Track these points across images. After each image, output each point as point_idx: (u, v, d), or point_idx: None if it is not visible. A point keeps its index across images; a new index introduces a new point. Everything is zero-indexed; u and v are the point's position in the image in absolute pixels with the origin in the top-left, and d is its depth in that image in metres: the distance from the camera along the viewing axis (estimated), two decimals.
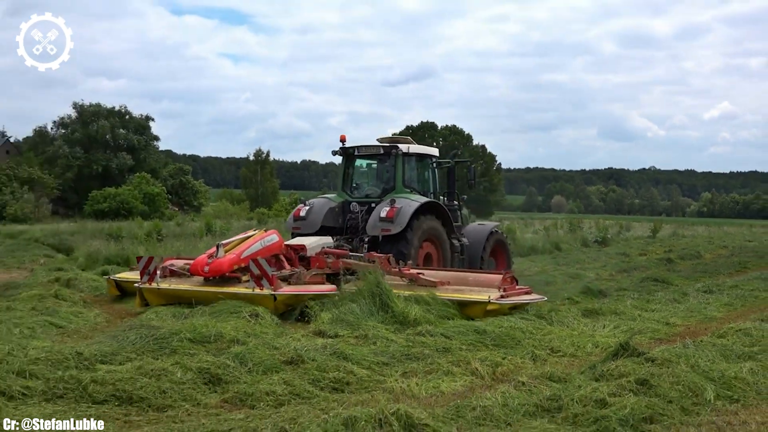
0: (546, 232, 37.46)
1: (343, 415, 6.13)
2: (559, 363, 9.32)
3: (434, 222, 15.29)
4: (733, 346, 9.57)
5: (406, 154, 15.91)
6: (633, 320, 12.32)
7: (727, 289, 16.23)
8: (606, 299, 14.67)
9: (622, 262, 23.56)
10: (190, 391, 7.50)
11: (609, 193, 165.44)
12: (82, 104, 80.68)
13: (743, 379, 8.07)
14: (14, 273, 18.96)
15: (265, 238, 13.76)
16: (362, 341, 9.69)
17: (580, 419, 6.73)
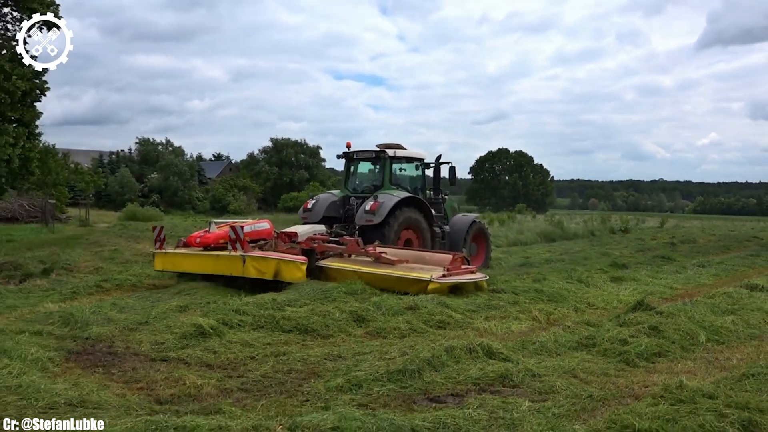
0: (585, 223, 36.23)
1: (444, 345, 6.12)
2: (593, 313, 9.05)
3: (414, 213, 13.12)
4: (720, 305, 9.09)
5: (392, 157, 13.76)
6: (646, 285, 11.85)
7: (715, 264, 15.43)
8: (627, 270, 14.09)
9: (639, 245, 22.56)
10: (344, 325, 7.64)
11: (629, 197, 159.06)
12: (276, 138, 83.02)
13: (727, 328, 7.69)
14: None
15: (256, 224, 11.75)
16: (457, 295, 9.62)
17: (608, 352, 6.55)
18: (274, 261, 10.00)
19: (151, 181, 63.25)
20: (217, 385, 5.37)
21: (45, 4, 18.00)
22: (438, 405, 4.93)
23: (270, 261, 10.00)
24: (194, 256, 10.92)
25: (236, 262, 10.04)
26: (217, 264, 10.42)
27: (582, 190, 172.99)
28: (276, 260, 10.02)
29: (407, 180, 14.66)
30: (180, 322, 7.26)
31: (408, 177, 14.76)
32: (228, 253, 10.24)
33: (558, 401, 4.94)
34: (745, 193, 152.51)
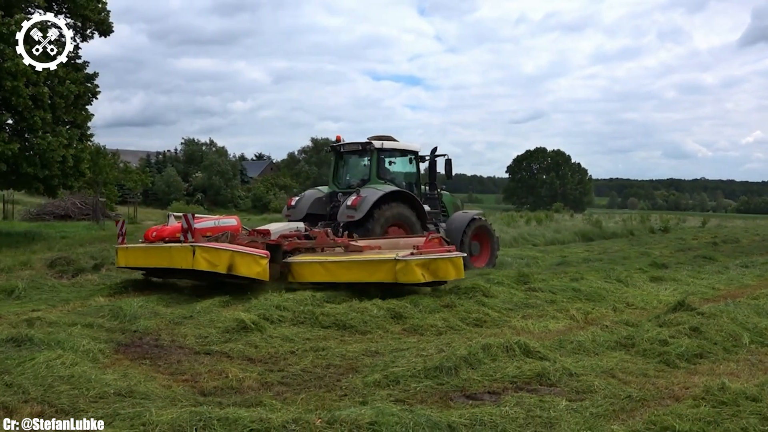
0: (623, 223, 35.53)
1: (481, 342, 6.07)
2: (632, 313, 8.86)
3: (402, 209, 12.04)
4: (764, 306, 8.79)
5: (380, 149, 12.77)
6: (687, 285, 11.54)
7: (759, 265, 14.93)
8: (667, 270, 13.76)
9: (680, 244, 22.03)
10: (382, 322, 7.66)
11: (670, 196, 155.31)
12: (316, 138, 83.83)
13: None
14: None
15: (221, 220, 10.89)
16: (495, 293, 9.54)
17: (648, 353, 6.40)
18: (228, 253, 8.97)
19: (195, 180, 64.48)
20: (258, 379, 5.45)
21: (97, 11, 18.54)
22: (474, 402, 4.89)
23: (223, 252, 8.94)
24: (150, 250, 9.98)
25: (186, 253, 8.89)
26: (170, 256, 9.37)
27: (621, 189, 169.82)
28: (230, 252, 9.00)
29: (401, 174, 13.69)
30: (223, 317, 7.39)
31: (401, 171, 13.80)
32: (181, 244, 9.16)
33: (596, 401, 4.86)
34: None
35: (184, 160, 70.36)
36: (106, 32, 19.33)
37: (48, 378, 4.98)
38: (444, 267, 9.15)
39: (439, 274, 9.11)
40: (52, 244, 16.11)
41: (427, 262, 8.91)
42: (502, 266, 14.34)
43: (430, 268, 8.95)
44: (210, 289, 9.82)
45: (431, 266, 8.97)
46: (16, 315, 7.91)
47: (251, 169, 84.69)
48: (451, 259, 9.28)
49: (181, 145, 73.90)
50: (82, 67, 18.91)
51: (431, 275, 8.96)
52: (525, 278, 11.02)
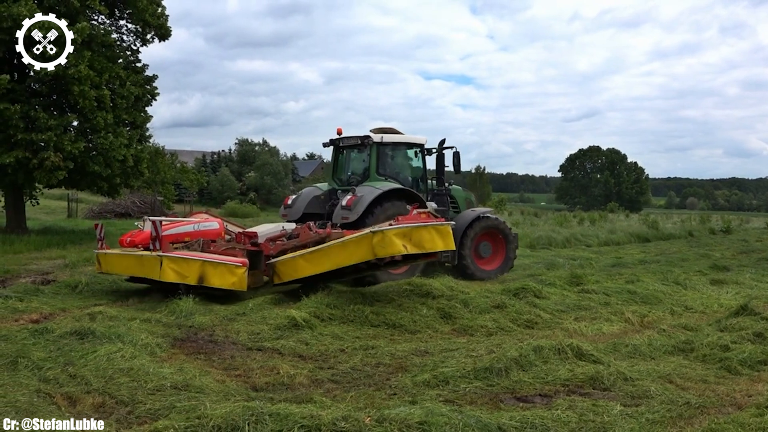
0: (682, 223, 34.41)
1: (533, 344, 5.98)
2: (691, 317, 8.56)
3: (402, 207, 10.71)
4: None
5: (380, 143, 11.73)
6: (751, 289, 11.07)
7: None
8: (729, 272, 13.26)
9: (743, 246, 21.18)
10: (432, 322, 7.65)
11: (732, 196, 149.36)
12: None
13: None
14: None
15: (201, 223, 10.37)
16: (546, 294, 9.38)
17: (708, 358, 6.19)
18: (198, 262, 8.46)
19: (248, 179, 65.67)
20: (309, 376, 5.51)
21: (156, 15, 19.12)
22: (525, 405, 4.82)
23: (192, 262, 8.47)
24: (121, 257, 9.55)
25: (155, 263, 8.54)
26: (141, 265, 9.02)
27: (679, 188, 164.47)
28: (200, 261, 8.49)
29: (405, 169, 12.61)
30: (275, 314, 7.51)
31: (405, 165, 12.70)
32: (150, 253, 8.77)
33: (652, 406, 4.72)
34: None
35: (238, 160, 71.69)
36: (165, 36, 19.91)
37: (109, 370, 5.16)
38: (428, 236, 8.18)
39: (424, 245, 8.15)
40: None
41: (407, 232, 8.01)
42: (554, 267, 14.02)
43: (413, 239, 8.04)
44: (264, 287, 9.97)
45: (413, 236, 8.05)
46: (79, 309, 8.23)
47: (302, 168, 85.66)
48: (436, 228, 8.29)
49: (235, 145, 75.41)
50: (142, 70, 19.56)
51: (415, 246, 8.07)
52: (578, 279, 10.81)
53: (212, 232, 10.08)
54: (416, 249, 8.09)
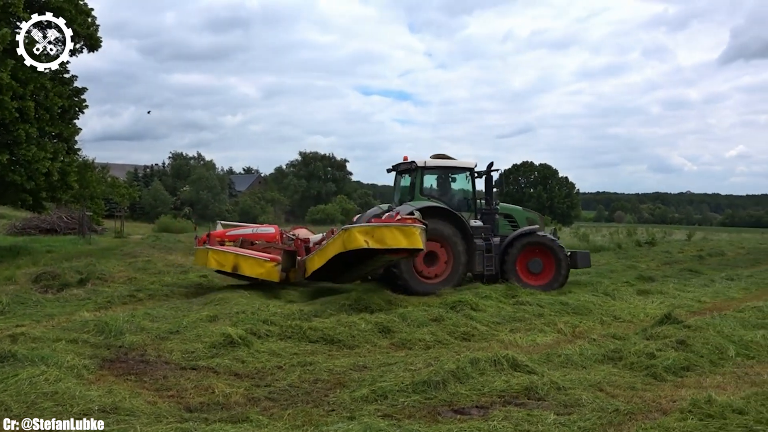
0: (610, 236, 35.70)
1: (469, 356, 6.07)
2: (620, 326, 8.89)
3: (438, 224, 11.96)
4: (750, 319, 8.87)
5: (423, 168, 12.95)
6: (674, 298, 11.62)
7: (745, 278, 15.08)
8: (654, 283, 13.84)
9: (666, 258, 22.15)
10: (370, 336, 7.64)
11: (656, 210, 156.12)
12: (305, 152, 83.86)
13: (757, 342, 7.48)
14: None
15: (259, 228, 12.48)
16: (483, 306, 9.54)
17: (635, 366, 6.43)
18: (232, 255, 10.85)
19: (183, 194, 64.18)
20: (245, 394, 5.40)
21: (86, 25, 18.46)
22: (462, 417, 4.87)
23: (229, 255, 10.88)
24: (196, 251, 11.85)
25: (205, 254, 11.03)
26: (198, 258, 11.50)
27: (608, 202, 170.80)
28: (234, 255, 10.86)
29: (453, 190, 13.65)
30: (210, 332, 7.32)
31: (451, 187, 13.73)
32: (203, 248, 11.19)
33: (584, 414, 4.85)
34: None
35: (172, 174, 70.02)
36: (95, 47, 19.22)
37: (31, 395, 4.89)
38: (390, 235, 9.53)
39: (386, 242, 9.52)
40: (37, 259, 15.94)
41: (369, 230, 9.65)
42: None
43: (375, 236, 9.53)
44: (193, 303, 9.76)
45: (375, 234, 9.56)
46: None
47: (239, 182, 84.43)
48: (399, 228, 9.60)
49: (169, 159, 73.65)
50: (70, 81, 18.80)
51: (377, 242, 9.50)
52: (513, 292, 11.05)
53: (268, 235, 11.91)
54: (378, 244, 9.50)
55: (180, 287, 11.74)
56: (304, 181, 79.88)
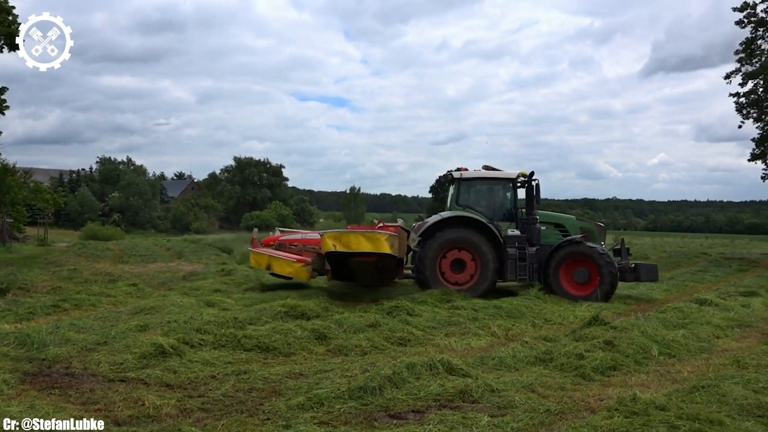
0: None
1: (405, 361, 6.10)
2: (550, 329, 9.14)
3: (465, 233, 12.48)
4: (671, 319, 9.30)
5: (460, 179, 13.28)
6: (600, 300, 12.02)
7: (666, 280, 15.80)
8: None
9: None
10: (306, 343, 7.57)
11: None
12: (240, 158, 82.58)
13: (678, 341, 7.86)
14: (195, 265, 19.43)
15: (307, 234, 13.85)
16: (419, 312, 9.62)
17: (565, 367, 6.63)
18: (266, 256, 12.54)
19: (111, 200, 61.99)
20: (177, 406, 5.25)
21: (7, 23, 17.65)
22: (399, 421, 4.90)
23: (263, 256, 12.64)
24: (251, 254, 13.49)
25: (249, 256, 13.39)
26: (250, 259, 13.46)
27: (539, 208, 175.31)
28: (267, 256, 12.55)
29: (491, 200, 13.55)
30: (140, 342, 7.07)
31: (490, 197, 13.62)
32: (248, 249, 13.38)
33: (516, 415, 4.96)
34: (693, 210, 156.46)
35: (100, 180, 67.57)
36: (16, 46, 18.39)
37: None
38: (355, 240, 10.84)
39: (351, 246, 10.86)
40: None
41: (337, 236, 11.09)
42: None
43: (342, 241, 10.92)
44: (122, 312, 9.43)
45: (342, 239, 10.95)
46: None
47: (171, 188, 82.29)
48: (365, 234, 10.97)
49: (97, 163, 71.06)
50: None
51: (343, 246, 10.89)
52: (448, 296, 11.19)
53: (314, 240, 12.97)
54: (344, 248, 10.87)
55: (108, 296, 11.32)
56: (239, 187, 78.63)
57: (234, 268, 16.88)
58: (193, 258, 22.36)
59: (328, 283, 13.49)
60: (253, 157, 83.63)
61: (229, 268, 16.83)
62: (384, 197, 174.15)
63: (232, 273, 15.76)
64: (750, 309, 10.97)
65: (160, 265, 19.12)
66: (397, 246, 10.92)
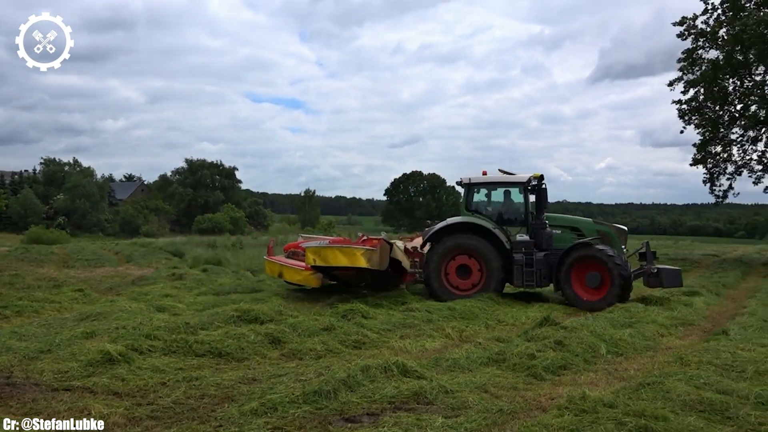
0: None
1: (360, 364, 6.09)
2: (503, 329, 9.28)
3: (466, 238, 12.43)
4: (618, 319, 9.55)
5: (469, 184, 13.15)
6: (552, 301, 12.27)
7: None
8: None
9: None
10: (260, 348, 7.47)
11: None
12: (192, 159, 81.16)
13: (625, 340, 8.07)
14: (145, 269, 18.95)
15: (322, 240, 13.95)
16: (374, 314, 9.62)
17: (517, 367, 6.72)
18: (278, 265, 12.92)
19: (57, 202, 60.03)
20: (125, 414, 5.10)
21: None
22: (353, 425, 4.88)
23: (275, 264, 12.99)
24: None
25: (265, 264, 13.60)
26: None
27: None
28: (279, 264, 12.93)
29: (502, 205, 13.40)
30: (86, 349, 6.85)
31: (500, 202, 13.46)
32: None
33: (470, 416, 5.01)
34: (639, 213, 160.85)
35: (44, 181, 65.34)
36: None
37: None
38: (331, 254, 11.25)
39: (328, 260, 11.24)
40: None
41: (317, 250, 11.44)
42: None
43: (321, 255, 11.28)
44: (67, 319, 9.13)
45: (321, 253, 11.32)
46: None
47: (120, 191, 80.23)
48: (342, 249, 11.38)
49: (41, 165, 68.70)
50: None
51: (322, 260, 11.26)
52: (403, 298, 11.23)
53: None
54: (323, 262, 11.28)
55: (52, 303, 10.93)
56: (191, 190, 77.22)
57: (185, 272, 16.54)
58: (143, 262, 21.81)
59: (283, 288, 13.37)
60: (205, 159, 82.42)
61: (181, 272, 16.47)
62: (339, 200, 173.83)
63: (183, 277, 15.44)
64: (692, 308, 11.38)
65: (108, 270, 18.60)
66: (375, 259, 10.98)
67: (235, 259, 21.30)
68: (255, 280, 15.26)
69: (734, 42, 25.40)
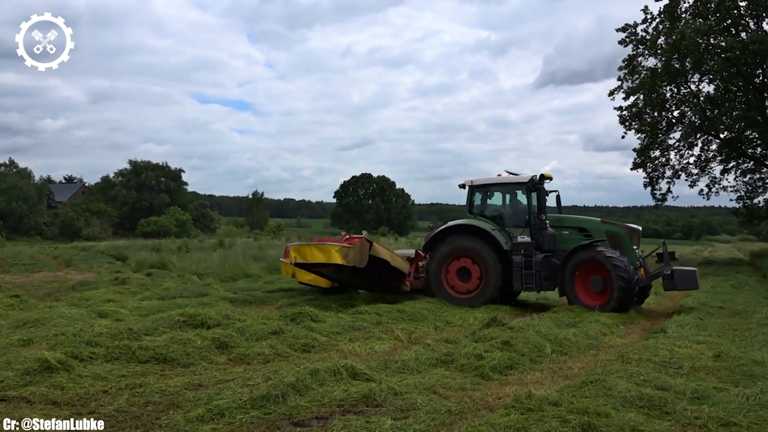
0: None
1: (309, 368, 6.05)
2: (452, 331, 9.38)
3: (465, 241, 12.27)
4: (563, 319, 9.79)
5: (471, 186, 13.09)
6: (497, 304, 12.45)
7: None
8: None
9: None
10: (206, 353, 7.33)
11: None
12: (136, 161, 79.12)
13: (569, 339, 8.28)
14: (86, 274, 18.35)
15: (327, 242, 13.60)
16: (323, 317, 9.58)
17: (465, 367, 6.80)
18: (291, 266, 12.54)
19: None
20: None
21: None
22: (302, 429, 4.84)
23: (289, 266, 12.73)
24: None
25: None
26: None
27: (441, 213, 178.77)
28: (292, 266, 12.47)
29: (505, 207, 13.25)
30: (22, 358, 6.57)
31: (503, 204, 13.34)
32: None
33: (419, 417, 5.04)
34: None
35: None
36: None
37: None
38: (309, 252, 11.49)
39: (307, 258, 11.49)
40: None
41: (298, 248, 11.69)
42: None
43: (301, 253, 11.54)
44: (2, 327, 8.75)
45: (301, 251, 11.58)
46: None
47: (60, 193, 77.42)
48: (318, 246, 11.59)
49: None
50: None
51: (302, 258, 11.52)
52: (352, 301, 11.23)
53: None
54: (302, 260, 11.57)
55: None
56: (135, 192, 75.23)
57: (129, 276, 16.09)
58: (84, 266, 21.13)
59: (230, 292, 13.18)
60: (150, 160, 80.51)
61: (124, 276, 16.03)
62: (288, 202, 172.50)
63: (126, 282, 15.02)
64: (633, 307, 11.74)
65: (47, 275, 17.94)
66: (351, 256, 11.02)
67: (180, 263, 20.87)
68: (201, 284, 14.99)
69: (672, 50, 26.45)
